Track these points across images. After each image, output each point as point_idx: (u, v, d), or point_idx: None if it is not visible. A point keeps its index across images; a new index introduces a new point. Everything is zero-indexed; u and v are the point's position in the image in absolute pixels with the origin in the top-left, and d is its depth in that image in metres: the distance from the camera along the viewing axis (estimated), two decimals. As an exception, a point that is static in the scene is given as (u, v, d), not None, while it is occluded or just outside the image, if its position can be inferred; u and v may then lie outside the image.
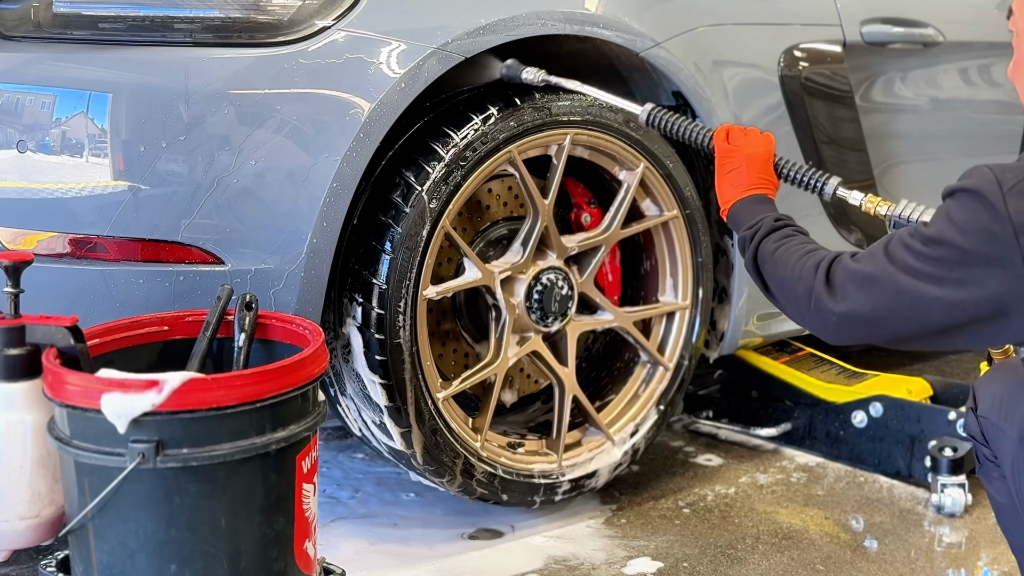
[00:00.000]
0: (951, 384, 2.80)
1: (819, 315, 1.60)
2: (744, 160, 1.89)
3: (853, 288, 1.56)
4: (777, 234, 1.76)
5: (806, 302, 1.62)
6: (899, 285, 1.51)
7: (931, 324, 1.51)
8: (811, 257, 1.64)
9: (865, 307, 1.54)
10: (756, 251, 1.76)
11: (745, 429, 2.88)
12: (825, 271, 1.60)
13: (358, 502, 2.47)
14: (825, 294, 1.59)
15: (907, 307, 1.51)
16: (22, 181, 1.95)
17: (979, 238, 1.44)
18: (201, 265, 1.95)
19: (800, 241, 1.72)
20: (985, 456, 1.74)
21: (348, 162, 1.96)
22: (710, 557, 2.25)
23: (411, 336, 2.11)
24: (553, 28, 2.19)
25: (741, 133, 1.96)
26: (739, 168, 1.90)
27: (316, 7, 1.99)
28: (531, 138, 2.20)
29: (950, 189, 1.49)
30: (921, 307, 1.50)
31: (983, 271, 1.45)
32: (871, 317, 1.55)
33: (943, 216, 1.48)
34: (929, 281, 1.48)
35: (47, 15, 1.98)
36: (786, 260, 1.68)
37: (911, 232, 1.52)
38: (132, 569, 1.61)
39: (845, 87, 2.77)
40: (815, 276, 1.61)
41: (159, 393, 1.54)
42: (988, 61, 3.13)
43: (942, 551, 2.33)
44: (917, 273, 1.49)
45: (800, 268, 1.64)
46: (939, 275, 1.47)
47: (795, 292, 1.65)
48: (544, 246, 2.32)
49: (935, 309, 1.49)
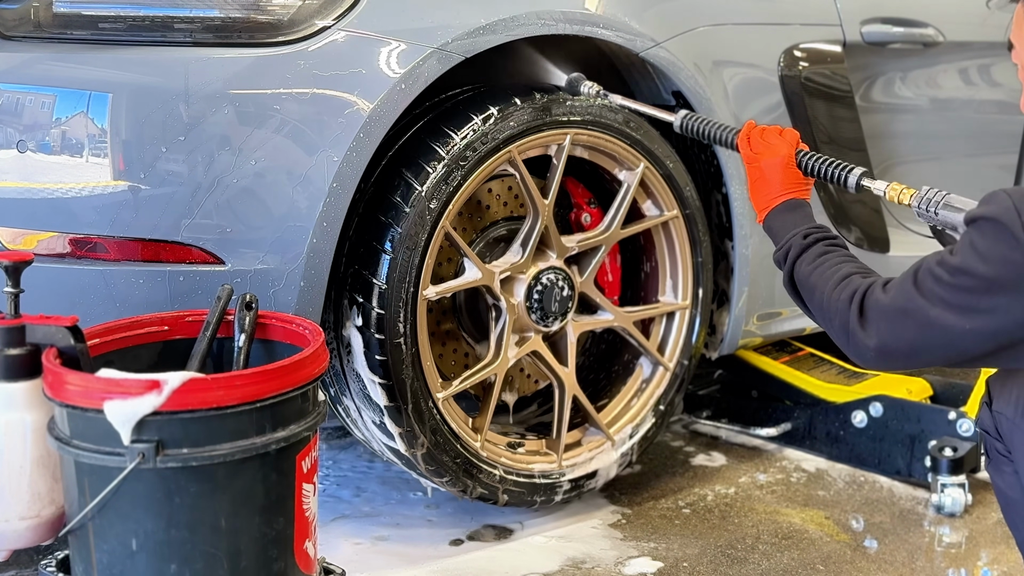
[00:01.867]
0: (951, 384, 2.80)
1: (856, 349, 1.62)
2: (763, 170, 1.87)
3: (885, 323, 1.56)
4: (810, 253, 1.74)
5: (843, 337, 1.63)
6: (929, 318, 1.52)
7: (966, 353, 1.53)
8: (845, 288, 1.64)
9: (900, 342, 1.55)
10: (791, 275, 1.76)
11: (745, 429, 2.88)
12: (859, 305, 1.60)
13: (362, 501, 2.47)
14: (859, 330, 1.59)
15: (939, 339, 1.52)
16: (22, 181, 1.95)
17: (1001, 267, 1.45)
18: (201, 265, 1.95)
19: (834, 262, 1.71)
20: (996, 450, 1.75)
21: (348, 162, 1.96)
22: (710, 557, 2.25)
23: (411, 336, 2.10)
24: (553, 28, 2.19)
25: (760, 137, 1.92)
26: (760, 178, 1.88)
27: (316, 7, 1.99)
28: (531, 138, 2.20)
29: (971, 216, 1.50)
30: (953, 338, 1.51)
31: (1008, 299, 1.46)
32: (906, 350, 1.56)
33: (967, 244, 1.50)
34: (958, 312, 1.50)
35: (47, 15, 1.98)
36: (822, 288, 1.68)
37: (939, 260, 1.53)
38: (132, 569, 1.61)
39: (845, 87, 2.77)
40: (849, 311, 1.61)
41: (160, 394, 1.54)
42: (988, 61, 3.13)
43: (942, 551, 2.33)
44: (946, 304, 1.50)
45: (835, 301, 1.64)
46: (967, 305, 1.49)
47: (832, 324, 1.66)
48: (544, 246, 2.32)
49: (967, 340, 1.50)
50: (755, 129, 1.95)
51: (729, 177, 2.52)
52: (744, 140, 1.94)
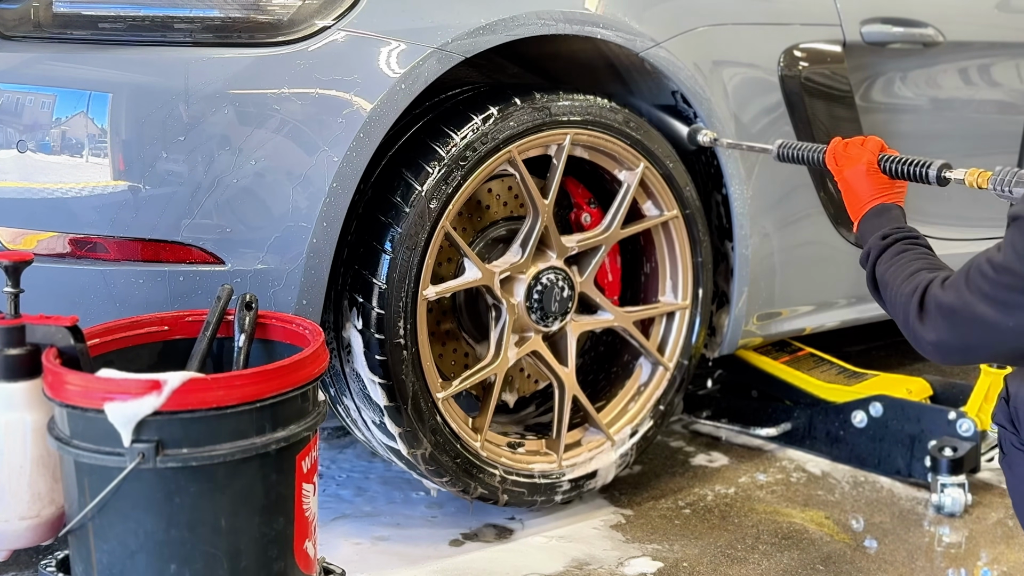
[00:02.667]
0: (951, 384, 2.80)
1: (917, 343, 1.65)
2: (848, 180, 1.94)
3: (940, 318, 1.60)
4: (888, 252, 1.79)
5: (908, 332, 1.66)
6: (976, 314, 1.54)
7: (1015, 350, 1.55)
8: (910, 282, 1.68)
9: (952, 338, 1.58)
10: (872, 275, 1.80)
11: (745, 429, 2.88)
12: (919, 300, 1.63)
13: (363, 500, 2.47)
14: (918, 324, 1.63)
15: (986, 335, 1.55)
16: (22, 181, 1.95)
17: None
18: (201, 265, 1.95)
19: (909, 259, 1.75)
20: (1012, 444, 1.75)
21: (348, 162, 1.96)
22: (710, 557, 2.25)
23: (411, 336, 2.10)
24: (553, 28, 2.19)
25: (843, 150, 1.99)
26: (847, 189, 1.95)
27: (316, 7, 1.99)
28: (531, 138, 2.20)
29: (1013, 215, 1.52)
30: (999, 335, 1.54)
31: None
32: (959, 346, 1.59)
33: (1009, 243, 1.51)
34: (1002, 310, 1.52)
35: (47, 15, 1.98)
36: (893, 283, 1.72)
37: (988, 257, 1.55)
38: (132, 569, 1.61)
39: (845, 87, 2.77)
40: (910, 305, 1.65)
41: (160, 395, 1.54)
42: (988, 61, 3.13)
43: (942, 551, 2.33)
44: (990, 301, 1.53)
45: (901, 295, 1.68)
46: (1010, 302, 1.51)
47: (898, 319, 1.69)
48: (544, 246, 2.32)
49: (1011, 337, 1.53)
50: (839, 143, 2.01)
51: (729, 177, 2.52)
52: (830, 156, 2.01)
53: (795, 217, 2.69)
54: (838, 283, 2.87)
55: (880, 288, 1.78)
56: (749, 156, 2.54)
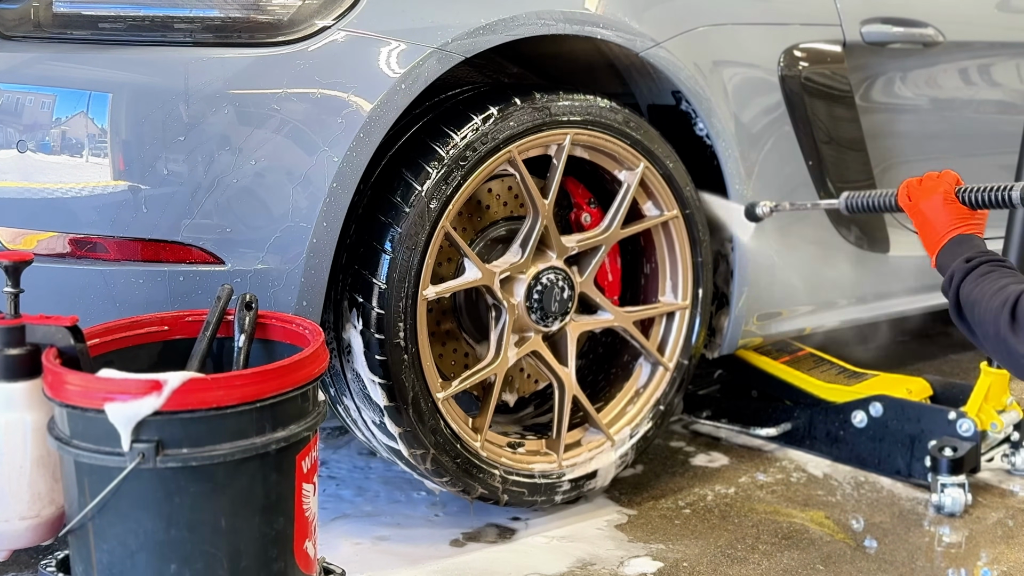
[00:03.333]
0: (951, 384, 2.80)
1: (1011, 356, 1.57)
2: (924, 213, 1.89)
3: None
4: (973, 275, 1.72)
5: (1001, 347, 1.59)
6: None
7: None
8: (999, 296, 1.60)
9: None
10: (956, 299, 1.73)
11: (745, 429, 2.88)
12: (1010, 310, 1.57)
13: (364, 500, 2.47)
14: (1010, 335, 1.56)
15: None
16: (22, 181, 1.95)
17: None
18: (201, 265, 1.95)
19: (996, 277, 1.68)
20: None
21: (348, 162, 1.96)
22: (710, 557, 2.25)
23: (411, 336, 2.10)
24: (553, 28, 2.19)
25: (916, 184, 1.94)
26: (924, 223, 1.90)
27: (316, 7, 1.99)
28: (531, 138, 2.20)
29: None
30: None
31: None
32: None
33: None
34: None
35: (47, 15, 1.98)
36: (980, 301, 1.65)
37: None
38: (132, 569, 1.61)
39: (845, 87, 2.77)
40: (1000, 317, 1.57)
41: (160, 395, 1.54)
42: (988, 61, 3.13)
43: (942, 551, 2.33)
44: None
45: (990, 310, 1.61)
46: None
47: (988, 335, 1.62)
48: (544, 246, 2.32)
49: None
50: (912, 181, 1.96)
51: (729, 177, 2.52)
52: (903, 195, 1.97)
53: (795, 217, 2.69)
54: (838, 283, 2.87)
55: (965, 310, 1.69)
56: (749, 155, 2.54)
